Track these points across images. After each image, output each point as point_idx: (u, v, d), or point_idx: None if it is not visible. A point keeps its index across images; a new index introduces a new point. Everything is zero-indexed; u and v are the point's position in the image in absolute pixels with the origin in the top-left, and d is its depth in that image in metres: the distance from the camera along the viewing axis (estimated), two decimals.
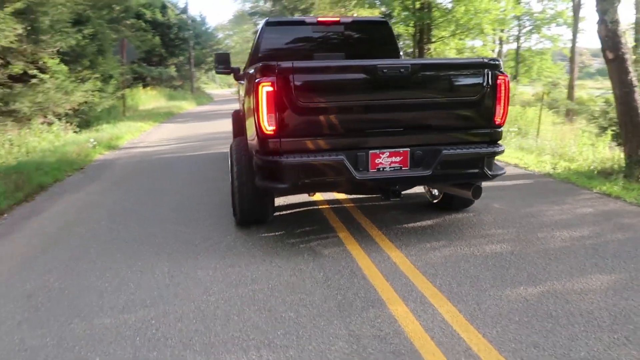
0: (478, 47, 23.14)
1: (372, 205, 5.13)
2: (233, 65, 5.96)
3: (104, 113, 14.71)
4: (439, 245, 3.91)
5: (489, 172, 3.76)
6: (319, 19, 5.53)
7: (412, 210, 4.90)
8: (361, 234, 4.21)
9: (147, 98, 22.66)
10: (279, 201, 5.23)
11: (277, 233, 4.31)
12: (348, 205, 5.14)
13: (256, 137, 3.57)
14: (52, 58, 9.89)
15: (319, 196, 5.38)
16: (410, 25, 21.32)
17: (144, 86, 25.25)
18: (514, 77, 37.17)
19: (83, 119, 12.87)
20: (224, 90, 78.79)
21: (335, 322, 2.76)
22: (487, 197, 5.30)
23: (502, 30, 24.79)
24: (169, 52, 30.67)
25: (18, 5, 7.45)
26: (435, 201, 4.85)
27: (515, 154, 8.10)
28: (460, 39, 22.06)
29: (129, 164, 8.22)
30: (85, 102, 12.06)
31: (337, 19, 5.59)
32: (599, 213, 4.76)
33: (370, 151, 3.58)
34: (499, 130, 3.81)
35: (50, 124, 10.84)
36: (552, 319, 2.76)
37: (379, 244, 3.94)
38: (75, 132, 11.80)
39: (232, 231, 4.38)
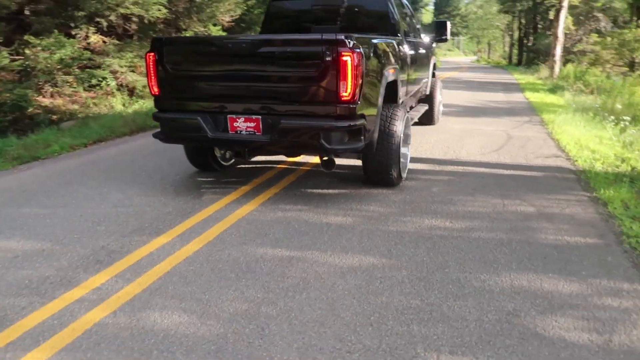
0: None
1: (323, 172, 5.51)
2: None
3: None
4: (296, 209, 4.27)
5: (327, 146, 3.91)
6: None
7: (345, 181, 5.13)
8: (259, 190, 4.79)
9: None
10: (274, 158, 6.03)
11: (208, 179, 5.22)
12: (305, 168, 5.63)
13: None
14: (215, 25, 12.14)
15: (299, 158, 5.94)
16: None
17: None
18: None
19: None
20: (464, 58, 76.26)
21: (100, 240, 3.65)
22: (446, 182, 5.13)
23: None
24: None
25: None
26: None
27: (599, 147, 6.88)
28: None
29: None
30: None
31: None
32: (529, 214, 4.23)
33: (229, 115, 4.17)
34: (348, 106, 3.86)
35: None
36: (215, 274, 3.12)
37: (252, 199, 4.51)
38: None
39: (187, 172, 5.43)
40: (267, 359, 2.29)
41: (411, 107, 7.12)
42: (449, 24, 7.27)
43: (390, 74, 4.61)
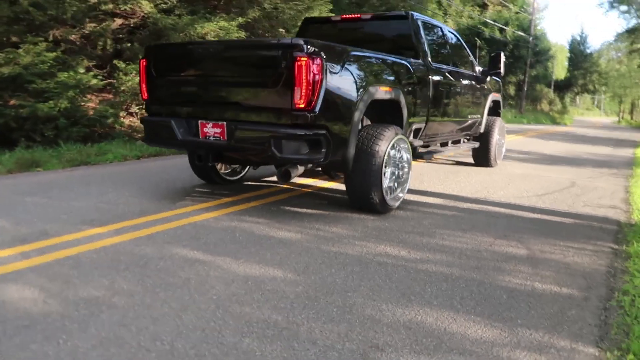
0: None
1: (320, 194, 5.26)
2: None
3: None
4: (254, 221, 4.06)
5: (277, 154, 3.69)
6: (343, 16, 5.82)
7: (335, 205, 4.82)
8: (238, 202, 4.68)
9: None
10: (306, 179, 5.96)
11: (204, 190, 5.23)
12: (305, 190, 5.43)
13: None
14: None
15: (305, 180, 5.77)
16: None
17: None
18: None
19: None
20: (603, 119, 69.58)
21: (48, 225, 3.79)
22: (446, 217, 4.62)
23: None
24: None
25: None
26: None
27: None
28: None
29: None
30: None
31: (358, 15, 5.72)
32: (513, 256, 3.56)
33: (200, 120, 4.17)
34: (303, 114, 3.63)
35: None
36: (109, 263, 3.00)
37: (222, 209, 4.41)
38: None
39: (195, 184, 5.52)
40: (60, 342, 2.11)
41: (459, 141, 6.60)
42: (502, 56, 6.67)
43: (380, 91, 4.29)
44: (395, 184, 4.56)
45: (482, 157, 7.46)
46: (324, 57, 3.65)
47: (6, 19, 8.19)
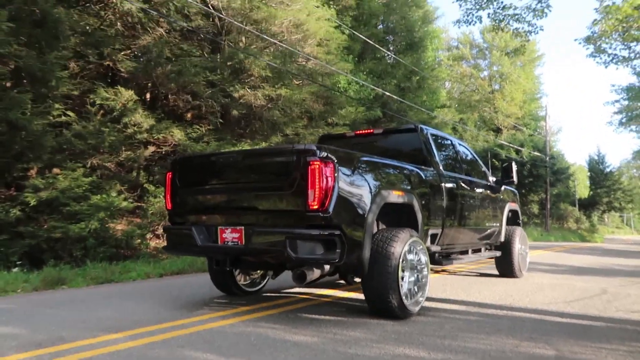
0: None
1: (338, 302, 5.18)
2: None
3: None
4: (270, 327, 3.99)
5: (293, 255, 3.75)
6: (357, 131, 6.22)
7: (354, 312, 4.73)
8: (256, 311, 4.65)
9: None
10: (302, 290, 5.93)
11: (223, 300, 5.23)
12: (325, 299, 5.37)
13: None
14: None
15: (324, 291, 5.73)
16: None
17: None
18: None
19: None
20: (636, 237, 67.27)
21: (65, 332, 3.81)
22: (469, 322, 4.47)
23: None
24: (525, 189, 30.86)
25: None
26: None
27: None
28: None
29: None
30: None
31: (371, 130, 6.11)
32: (540, 356, 3.39)
33: (219, 227, 4.33)
34: (317, 215, 3.76)
35: None
36: None
37: (239, 316, 4.37)
38: None
39: (214, 295, 5.53)
40: None
41: (477, 250, 6.55)
42: (514, 165, 6.87)
43: (392, 194, 4.44)
44: (416, 288, 4.49)
45: (505, 267, 7.32)
46: (336, 161, 3.87)
47: (50, 149, 8.93)
